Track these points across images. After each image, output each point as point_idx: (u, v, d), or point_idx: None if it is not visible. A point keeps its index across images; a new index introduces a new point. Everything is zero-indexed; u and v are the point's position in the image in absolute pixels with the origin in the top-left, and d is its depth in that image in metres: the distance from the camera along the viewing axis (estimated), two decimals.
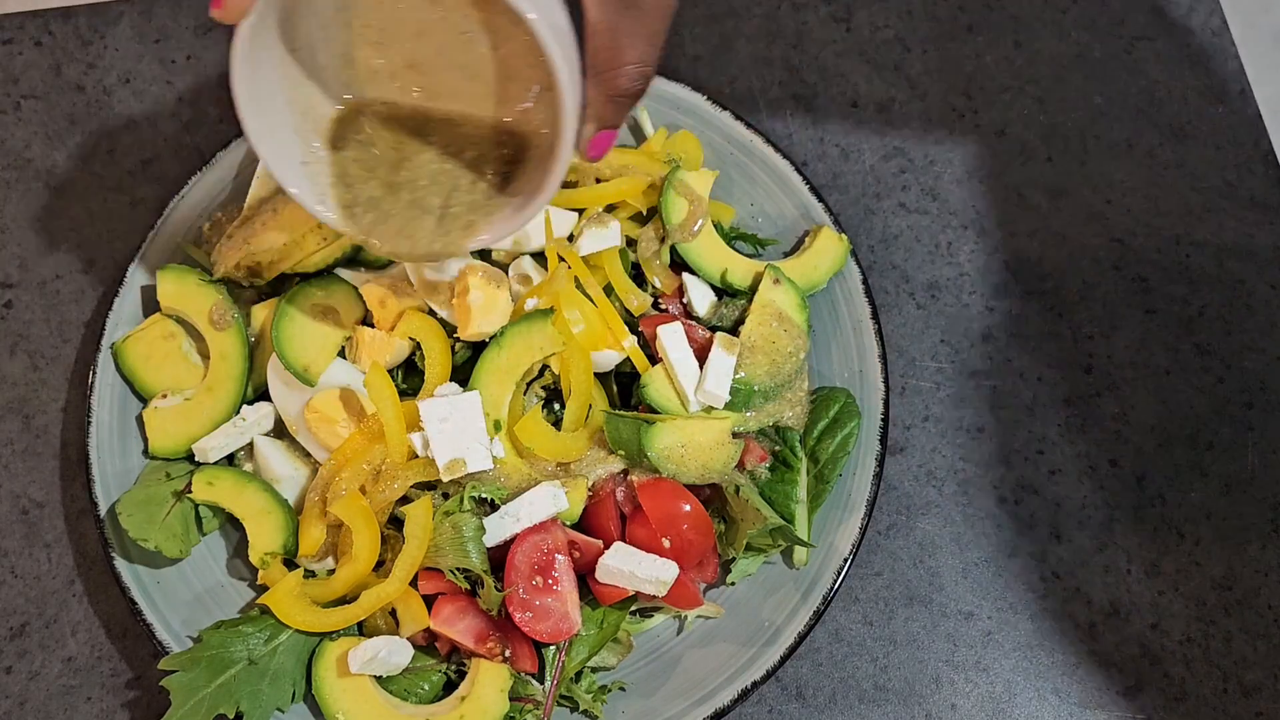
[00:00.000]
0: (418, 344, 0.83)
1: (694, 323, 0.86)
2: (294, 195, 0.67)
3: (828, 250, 0.88)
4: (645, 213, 0.89)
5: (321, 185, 0.69)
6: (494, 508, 0.78)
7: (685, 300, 0.87)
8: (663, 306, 0.87)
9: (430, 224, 0.68)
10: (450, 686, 0.80)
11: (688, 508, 0.80)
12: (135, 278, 0.88)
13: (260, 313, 0.85)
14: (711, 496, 0.84)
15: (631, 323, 0.85)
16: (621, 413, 0.81)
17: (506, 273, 0.85)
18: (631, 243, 0.88)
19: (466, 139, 0.69)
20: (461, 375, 0.83)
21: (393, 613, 0.79)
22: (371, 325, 0.85)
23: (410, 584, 0.77)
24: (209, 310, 0.85)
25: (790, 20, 1.05)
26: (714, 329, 0.86)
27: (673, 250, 0.87)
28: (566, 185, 0.90)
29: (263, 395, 0.84)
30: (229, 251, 0.86)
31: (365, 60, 0.68)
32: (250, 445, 0.84)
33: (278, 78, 0.65)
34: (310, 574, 0.81)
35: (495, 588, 0.76)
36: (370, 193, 0.69)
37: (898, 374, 0.93)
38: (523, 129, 0.68)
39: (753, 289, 0.86)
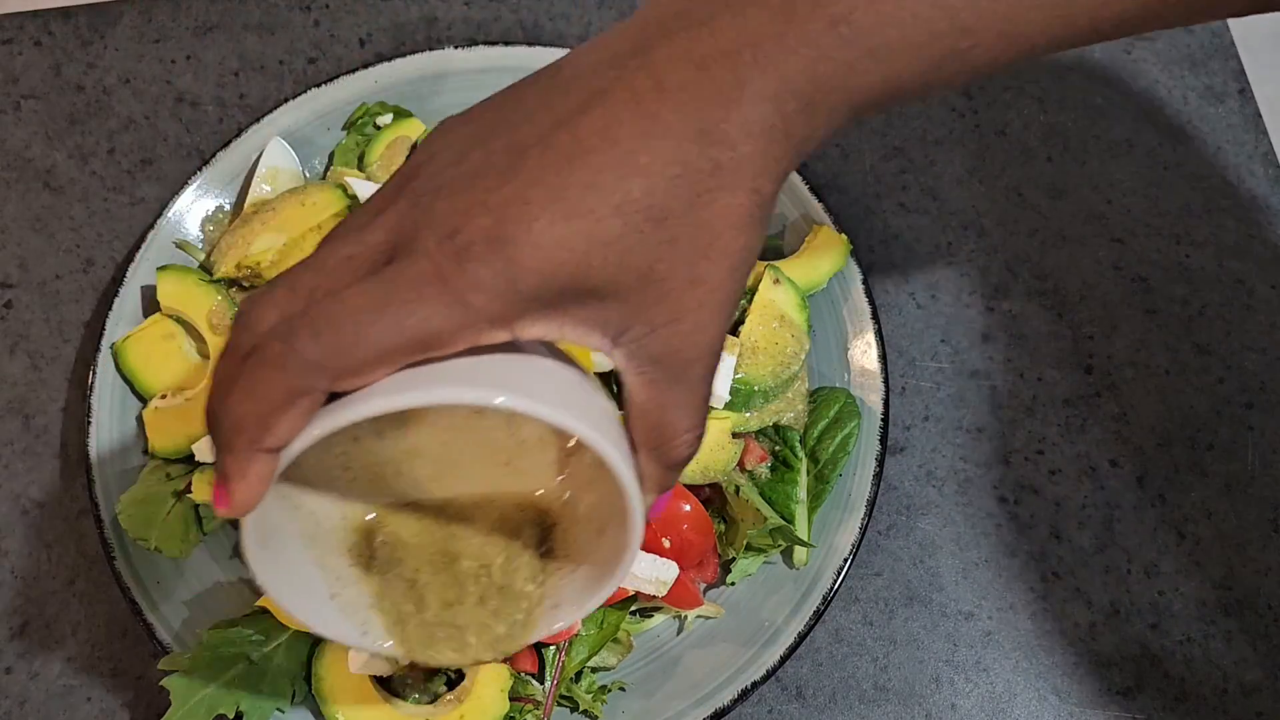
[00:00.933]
0: None
1: None
2: (332, 637, 0.58)
3: (828, 250, 0.88)
4: None
5: (360, 614, 0.59)
6: None
7: None
8: None
9: (491, 621, 0.59)
10: (450, 686, 0.80)
11: (688, 508, 0.80)
12: (135, 278, 0.88)
13: None
14: (711, 496, 0.84)
15: None
16: (622, 413, 0.81)
17: None
18: None
19: (496, 524, 0.60)
20: None
21: None
22: None
23: None
24: (209, 311, 0.85)
25: None
26: None
27: None
28: None
29: None
30: (229, 252, 0.86)
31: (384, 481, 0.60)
32: None
33: (292, 527, 0.57)
34: None
35: None
36: (418, 606, 0.59)
37: (898, 374, 0.93)
38: (548, 501, 0.60)
39: (753, 289, 0.86)
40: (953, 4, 0.46)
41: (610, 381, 0.78)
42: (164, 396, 0.84)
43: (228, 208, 0.91)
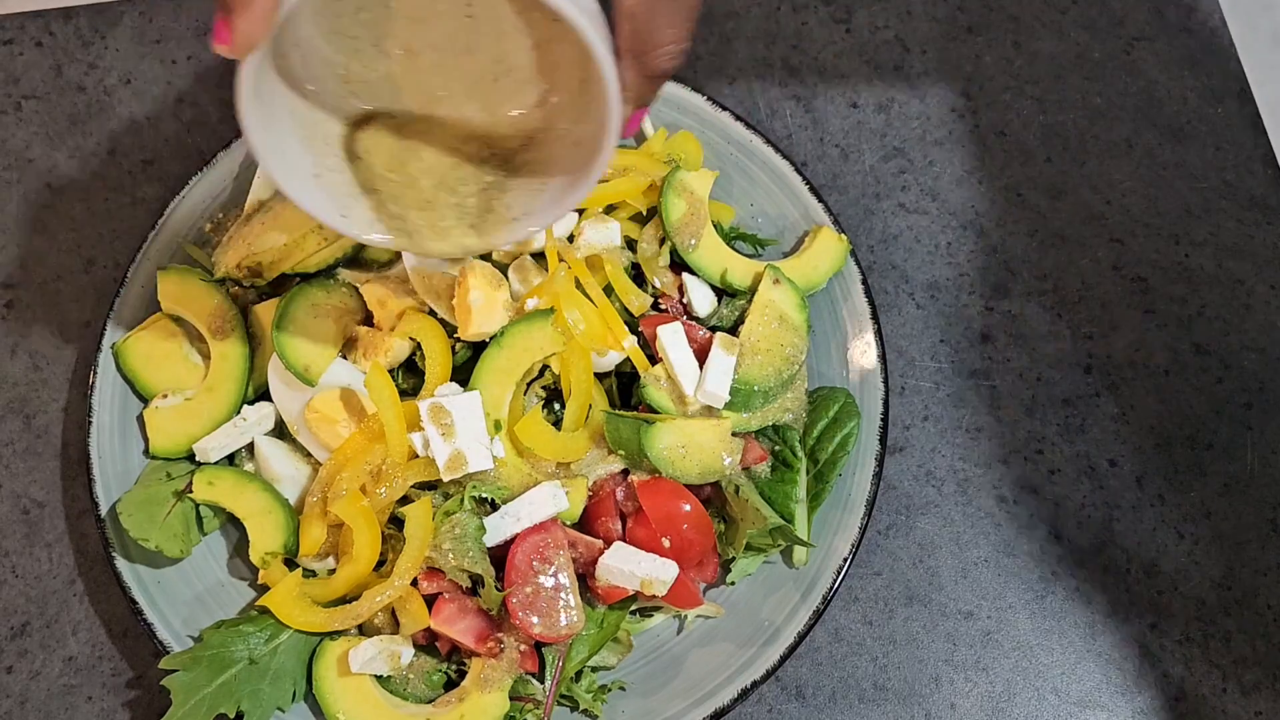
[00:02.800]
0: (418, 344, 0.83)
1: (694, 323, 0.86)
2: (314, 213, 0.63)
3: (828, 250, 0.88)
4: (645, 213, 0.89)
5: (342, 198, 0.66)
6: (494, 508, 0.78)
7: (685, 300, 0.87)
8: (663, 306, 0.87)
9: (457, 218, 0.66)
10: (450, 686, 0.80)
11: (688, 508, 0.80)
12: (136, 278, 0.88)
13: (261, 313, 0.86)
14: (711, 496, 0.84)
15: (631, 323, 0.85)
16: (621, 413, 0.81)
17: (506, 273, 0.85)
18: (631, 243, 0.88)
19: (475, 135, 0.67)
20: (461, 375, 0.83)
21: (393, 612, 0.79)
22: (372, 325, 0.85)
23: (410, 584, 0.77)
24: (210, 311, 0.85)
25: (790, 20, 1.05)
26: (714, 329, 0.86)
27: (673, 250, 0.87)
28: None
29: (263, 395, 0.84)
30: (230, 251, 0.86)
31: (363, 71, 0.66)
32: (251, 445, 0.84)
33: (283, 101, 0.63)
34: (310, 574, 0.81)
35: (495, 587, 0.76)
36: (395, 195, 0.67)
37: (898, 374, 0.93)
38: (532, 122, 0.66)
39: (753, 289, 0.86)
40: None
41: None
42: (164, 396, 0.84)
43: (228, 208, 0.91)
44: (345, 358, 0.84)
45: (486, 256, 0.87)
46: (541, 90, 0.64)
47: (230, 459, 0.85)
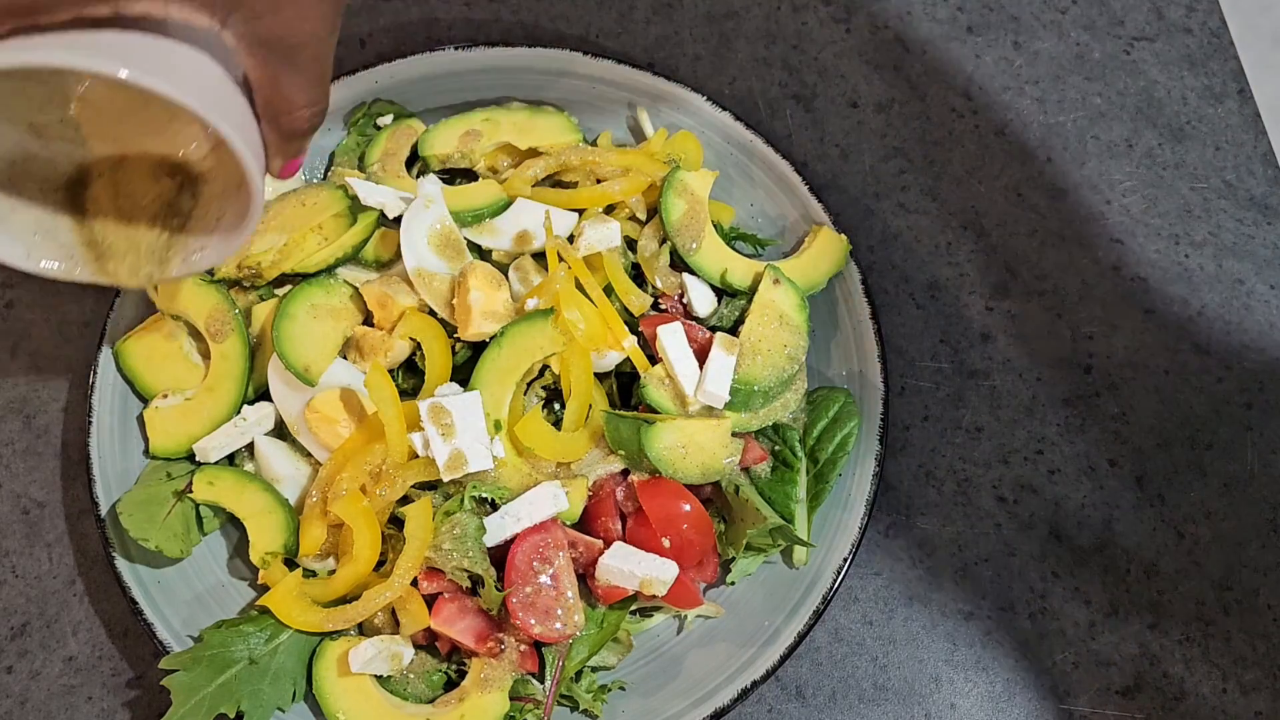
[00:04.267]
0: (418, 344, 0.83)
1: (694, 323, 0.86)
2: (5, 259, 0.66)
3: (828, 250, 0.88)
4: (645, 213, 0.89)
5: (25, 239, 0.68)
6: (494, 508, 0.78)
7: (685, 300, 0.87)
8: (663, 306, 0.87)
9: (149, 251, 0.69)
10: (450, 686, 0.80)
11: (688, 508, 0.80)
12: None
13: (261, 313, 0.86)
14: (711, 496, 0.84)
15: (631, 323, 0.85)
16: (621, 413, 0.81)
17: (506, 273, 0.85)
18: (631, 243, 0.88)
19: (148, 174, 0.70)
20: (461, 375, 0.83)
21: (393, 612, 0.79)
22: (371, 325, 0.85)
23: (410, 584, 0.77)
24: (209, 311, 0.85)
25: (790, 20, 1.05)
26: (714, 329, 0.86)
27: (673, 250, 0.87)
28: (565, 185, 0.91)
29: (263, 395, 0.84)
30: None
31: (50, 131, 0.68)
32: (251, 445, 0.84)
33: None
34: (311, 574, 0.81)
35: (495, 587, 0.76)
36: (105, 231, 0.70)
37: (897, 374, 0.93)
38: (195, 165, 0.69)
39: (753, 289, 0.86)
40: None
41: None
42: (164, 396, 0.84)
43: None
44: (345, 358, 0.84)
45: (486, 256, 0.87)
46: (210, 134, 0.67)
47: (230, 459, 0.85)
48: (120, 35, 0.54)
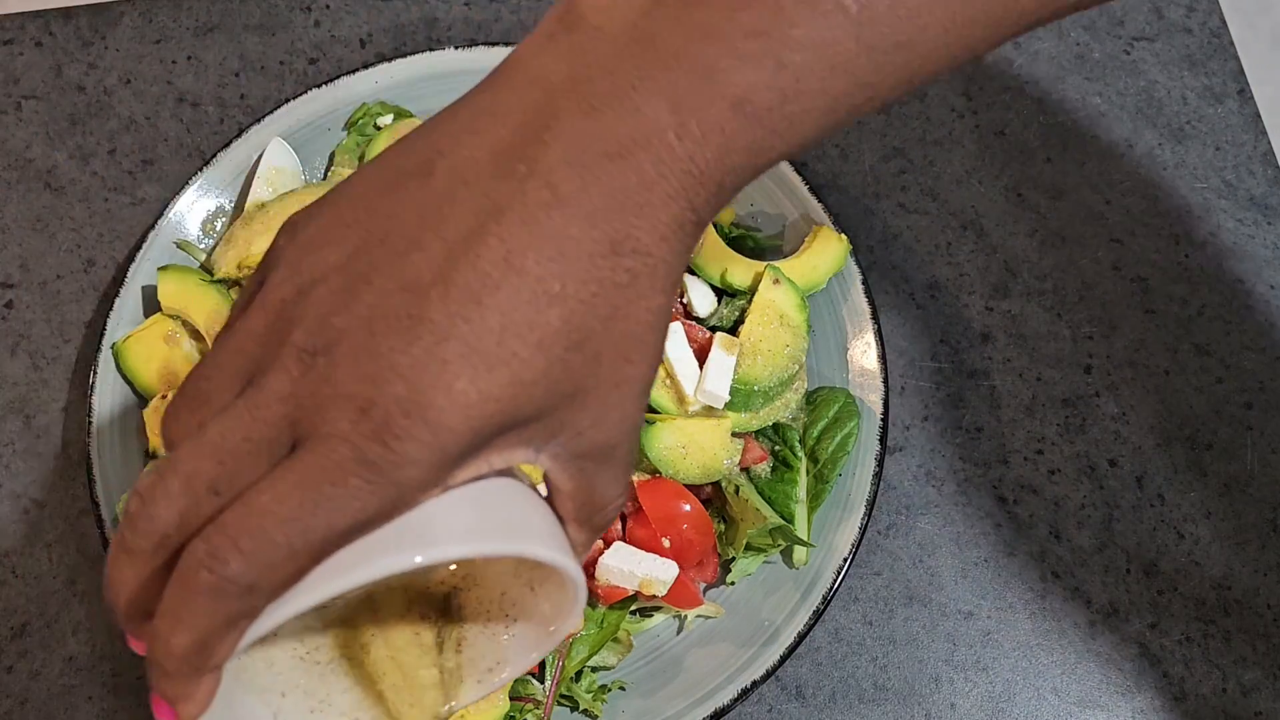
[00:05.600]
0: None
1: (694, 323, 0.86)
2: None
3: (828, 250, 0.88)
4: None
5: (273, 700, 0.59)
6: None
7: (685, 300, 0.87)
8: None
9: (432, 684, 0.61)
10: None
11: (688, 508, 0.80)
12: (136, 278, 0.88)
13: None
14: (711, 496, 0.84)
15: None
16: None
17: None
18: None
19: (402, 611, 0.62)
20: None
21: None
22: None
23: None
24: (210, 311, 0.85)
25: None
26: (714, 329, 0.86)
27: None
28: None
29: None
30: (230, 252, 0.86)
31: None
32: None
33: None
34: None
35: None
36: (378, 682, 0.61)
37: (898, 374, 0.93)
38: (447, 586, 0.62)
39: (753, 289, 0.86)
40: (849, 64, 0.43)
41: None
42: (164, 396, 0.84)
43: (228, 208, 0.91)
44: None
45: None
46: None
47: None
48: (443, 508, 0.46)
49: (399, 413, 0.39)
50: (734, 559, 0.83)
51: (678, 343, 0.82)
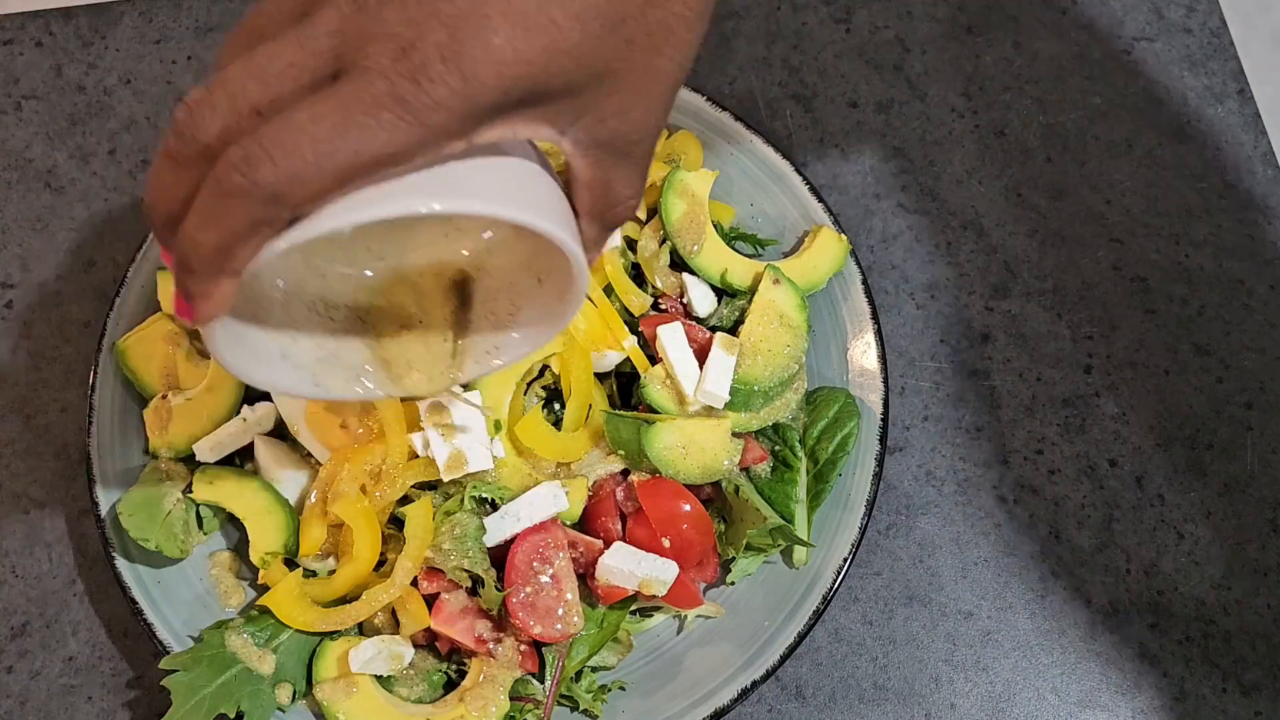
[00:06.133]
0: None
1: (694, 323, 0.86)
2: (287, 390, 0.62)
3: (828, 250, 0.88)
4: (645, 213, 0.89)
5: (310, 367, 0.64)
6: (494, 508, 0.78)
7: (685, 300, 0.87)
8: (663, 306, 0.87)
9: (439, 357, 0.66)
10: (450, 686, 0.80)
11: (688, 508, 0.80)
12: (135, 278, 0.88)
13: None
14: (711, 496, 0.84)
15: (631, 323, 0.85)
16: (621, 413, 0.81)
17: None
18: (631, 243, 0.88)
19: (419, 286, 0.66)
20: None
21: (393, 612, 0.79)
22: None
23: (410, 584, 0.77)
24: None
25: (790, 20, 1.05)
26: (714, 329, 0.86)
27: (673, 250, 0.87)
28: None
29: (263, 395, 0.84)
30: None
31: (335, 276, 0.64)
32: (251, 445, 0.84)
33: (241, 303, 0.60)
34: (311, 574, 0.81)
35: (495, 587, 0.76)
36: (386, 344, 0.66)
37: (898, 374, 0.93)
38: (469, 266, 0.66)
39: (753, 289, 0.86)
40: None
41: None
42: (164, 396, 0.84)
43: None
44: None
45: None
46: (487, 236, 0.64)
47: (230, 459, 0.85)
48: (468, 168, 0.49)
49: (437, 58, 0.41)
50: (734, 559, 0.83)
51: (678, 343, 0.82)
